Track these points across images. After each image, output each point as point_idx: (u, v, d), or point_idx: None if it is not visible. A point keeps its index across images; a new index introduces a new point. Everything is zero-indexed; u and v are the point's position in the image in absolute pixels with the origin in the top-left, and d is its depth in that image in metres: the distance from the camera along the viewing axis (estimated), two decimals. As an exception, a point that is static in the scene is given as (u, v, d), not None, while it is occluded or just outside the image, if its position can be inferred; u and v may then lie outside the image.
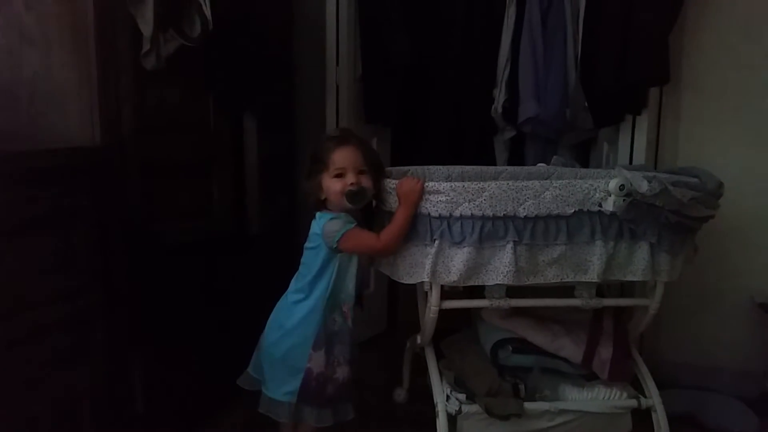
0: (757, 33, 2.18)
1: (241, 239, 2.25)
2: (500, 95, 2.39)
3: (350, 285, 1.62)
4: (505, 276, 1.52)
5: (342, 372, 1.62)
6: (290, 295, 1.65)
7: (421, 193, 1.53)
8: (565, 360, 1.77)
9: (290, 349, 1.59)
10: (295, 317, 1.60)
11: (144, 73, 1.78)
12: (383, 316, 2.85)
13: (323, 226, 1.57)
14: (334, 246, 1.56)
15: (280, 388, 1.60)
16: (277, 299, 1.69)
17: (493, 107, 2.40)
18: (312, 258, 1.61)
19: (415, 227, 1.56)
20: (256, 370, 1.69)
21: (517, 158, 2.51)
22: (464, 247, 1.51)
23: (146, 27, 1.71)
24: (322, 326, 1.59)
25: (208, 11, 1.82)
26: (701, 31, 2.22)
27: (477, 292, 1.66)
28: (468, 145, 2.48)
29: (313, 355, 1.58)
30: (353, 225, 1.58)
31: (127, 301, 1.76)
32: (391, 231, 1.56)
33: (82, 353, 1.65)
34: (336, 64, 2.47)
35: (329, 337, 1.60)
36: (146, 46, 1.74)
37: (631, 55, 2.05)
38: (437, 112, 2.50)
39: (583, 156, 2.49)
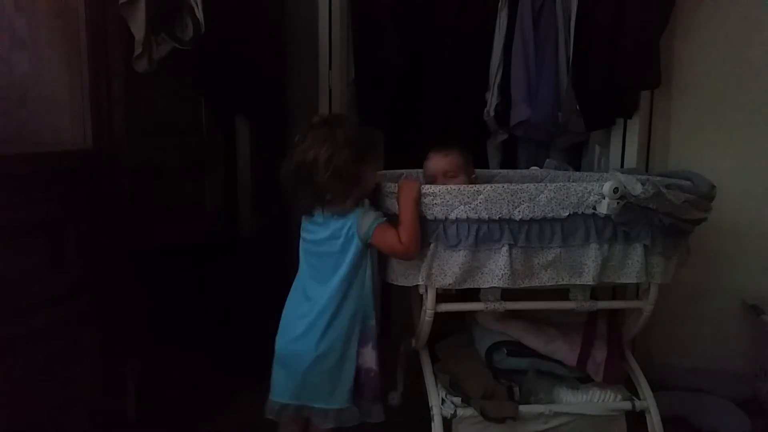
0: (748, 37, 2.20)
1: (233, 242, 2.24)
2: (492, 99, 2.39)
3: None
4: (500, 279, 1.51)
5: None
6: (320, 307, 1.56)
7: (420, 192, 1.51)
8: (560, 362, 1.77)
9: (341, 357, 1.56)
10: (338, 326, 1.56)
11: (136, 76, 1.78)
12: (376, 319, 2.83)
13: (358, 219, 1.54)
14: (369, 238, 1.53)
15: (343, 395, 1.58)
16: (270, 303, 1.67)
17: (485, 111, 2.40)
18: (337, 259, 1.55)
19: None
20: (297, 396, 1.59)
21: (509, 161, 2.51)
22: (460, 250, 1.51)
23: (138, 30, 1.71)
24: (367, 323, 1.59)
25: (200, 14, 1.81)
26: (692, 35, 2.24)
27: (471, 294, 1.66)
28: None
29: (361, 352, 1.58)
30: (384, 219, 1.55)
31: (120, 305, 1.75)
32: (406, 233, 1.50)
33: (74, 358, 1.63)
34: (329, 67, 2.47)
35: (374, 332, 1.60)
36: (138, 50, 1.73)
37: (622, 58, 2.05)
38: (430, 115, 2.49)
39: (575, 159, 2.50)
